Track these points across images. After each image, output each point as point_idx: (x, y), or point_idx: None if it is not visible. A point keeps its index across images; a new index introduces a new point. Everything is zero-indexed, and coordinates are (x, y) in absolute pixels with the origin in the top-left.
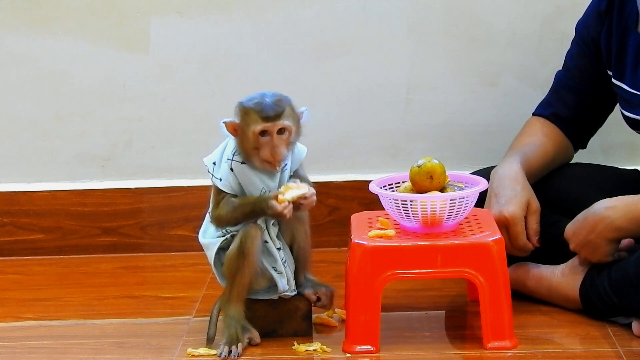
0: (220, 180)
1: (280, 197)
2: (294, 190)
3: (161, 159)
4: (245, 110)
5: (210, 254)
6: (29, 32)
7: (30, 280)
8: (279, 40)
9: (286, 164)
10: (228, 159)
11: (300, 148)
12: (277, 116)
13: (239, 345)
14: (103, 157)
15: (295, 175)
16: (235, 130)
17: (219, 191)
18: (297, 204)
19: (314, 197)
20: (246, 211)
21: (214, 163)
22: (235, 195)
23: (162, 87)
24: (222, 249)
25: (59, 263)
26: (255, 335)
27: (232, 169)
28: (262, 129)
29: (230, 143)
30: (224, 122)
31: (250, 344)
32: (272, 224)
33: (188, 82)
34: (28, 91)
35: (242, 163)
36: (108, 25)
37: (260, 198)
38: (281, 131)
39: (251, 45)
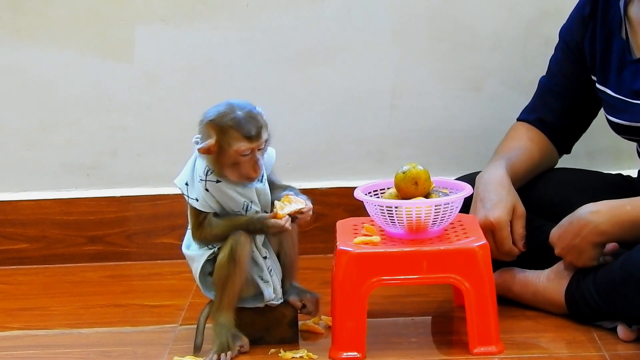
0: (197, 200)
1: (279, 212)
2: (292, 205)
3: (147, 167)
4: (222, 129)
5: (197, 266)
6: (13, 41)
7: (16, 290)
8: (264, 48)
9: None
10: (201, 180)
11: (269, 152)
12: (259, 134)
13: (229, 353)
14: (88, 166)
15: (269, 181)
16: (209, 150)
17: (197, 212)
18: (293, 217)
19: (310, 212)
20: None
21: (187, 184)
22: (216, 214)
23: (147, 95)
24: (208, 261)
25: (45, 272)
26: (246, 342)
27: (207, 189)
28: (247, 149)
29: (199, 161)
30: (198, 149)
31: (240, 351)
32: None
33: (173, 90)
34: (13, 100)
35: (217, 182)
36: (93, 34)
37: (251, 219)
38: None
39: (236, 52)
